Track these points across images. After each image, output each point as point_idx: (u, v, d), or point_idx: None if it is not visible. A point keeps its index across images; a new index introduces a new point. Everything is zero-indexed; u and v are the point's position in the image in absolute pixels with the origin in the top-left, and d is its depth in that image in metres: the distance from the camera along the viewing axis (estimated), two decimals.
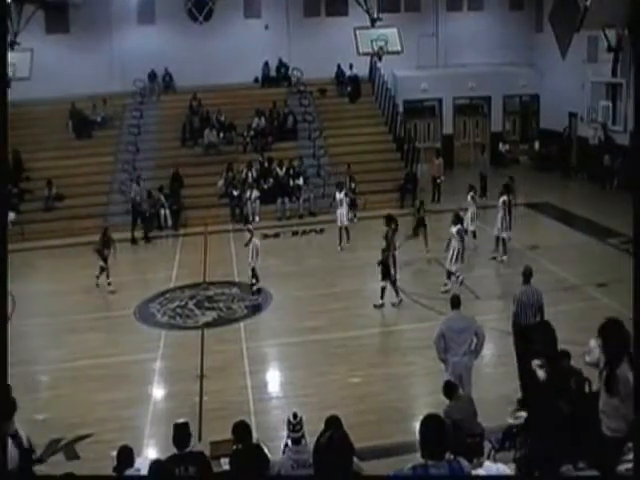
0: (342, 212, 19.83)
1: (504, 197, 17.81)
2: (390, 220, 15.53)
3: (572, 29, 24.19)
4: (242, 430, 7.52)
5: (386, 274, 15.07)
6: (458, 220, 15.97)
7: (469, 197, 18.88)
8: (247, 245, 16.44)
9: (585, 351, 7.33)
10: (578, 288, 15.80)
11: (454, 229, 15.76)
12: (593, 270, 16.78)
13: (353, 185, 22.72)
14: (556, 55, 26.53)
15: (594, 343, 7.14)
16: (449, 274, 15.86)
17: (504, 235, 17.69)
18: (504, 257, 17.62)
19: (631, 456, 6.65)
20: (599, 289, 15.42)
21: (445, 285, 15.81)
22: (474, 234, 18.60)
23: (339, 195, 20.10)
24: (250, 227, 16.89)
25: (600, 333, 6.69)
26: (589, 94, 27.02)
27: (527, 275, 11.48)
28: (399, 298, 15.24)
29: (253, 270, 16.35)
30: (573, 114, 28.44)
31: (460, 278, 15.76)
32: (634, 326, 6.24)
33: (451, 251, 15.76)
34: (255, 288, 16.42)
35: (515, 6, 31.01)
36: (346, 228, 19.74)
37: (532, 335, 10.40)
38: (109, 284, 16.98)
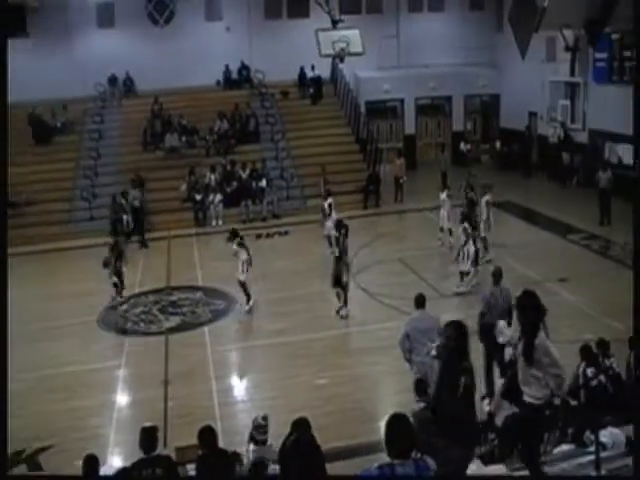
0: (330, 224, 18.20)
1: (487, 197, 17.80)
2: (340, 226, 15.18)
3: (531, 29, 24.52)
4: (208, 435, 7.48)
5: (338, 281, 14.66)
6: (466, 219, 15.96)
7: (444, 195, 18.95)
8: (238, 256, 15.28)
9: (495, 332, 7.51)
10: (540, 284, 15.87)
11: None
12: (554, 266, 17.00)
13: (327, 188, 22.47)
14: (516, 55, 26.60)
15: (503, 324, 7.33)
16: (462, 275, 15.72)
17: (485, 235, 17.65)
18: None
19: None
20: (560, 284, 15.63)
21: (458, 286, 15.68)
22: (450, 232, 18.66)
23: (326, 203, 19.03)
24: (241, 241, 15.51)
25: (517, 303, 6.76)
26: (548, 93, 27.39)
27: (497, 276, 11.49)
28: (346, 310, 14.70)
29: (243, 285, 15.37)
30: (533, 113, 28.79)
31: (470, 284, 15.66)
32: (634, 329, 6.31)
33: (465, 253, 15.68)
34: (247, 308, 15.39)
35: (475, 7, 31.29)
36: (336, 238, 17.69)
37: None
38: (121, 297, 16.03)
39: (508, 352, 8.15)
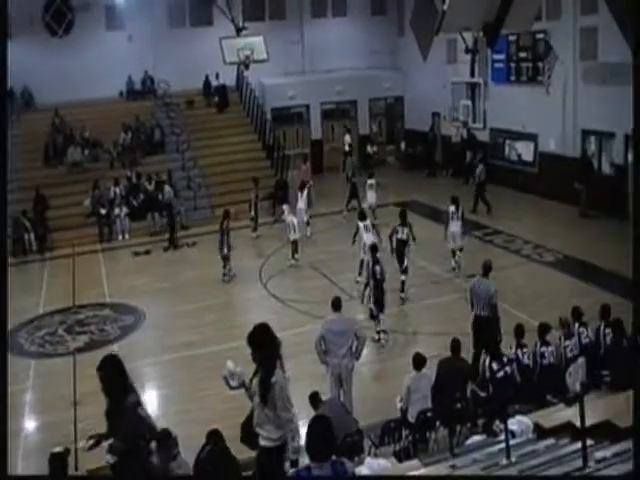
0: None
1: (370, 181, 19.66)
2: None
3: (431, 33, 25.04)
4: None
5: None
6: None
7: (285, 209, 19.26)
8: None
9: (226, 375, 6.82)
10: (449, 281, 16.29)
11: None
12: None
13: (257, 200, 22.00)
14: (418, 58, 27.36)
15: (232, 365, 6.77)
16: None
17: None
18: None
19: None
20: (469, 280, 15.89)
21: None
22: None
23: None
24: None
25: (249, 340, 6.47)
26: (450, 94, 27.96)
27: (487, 268, 12.01)
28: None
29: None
30: (436, 114, 29.37)
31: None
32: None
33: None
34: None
35: (377, 12, 31.74)
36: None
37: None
38: None
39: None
